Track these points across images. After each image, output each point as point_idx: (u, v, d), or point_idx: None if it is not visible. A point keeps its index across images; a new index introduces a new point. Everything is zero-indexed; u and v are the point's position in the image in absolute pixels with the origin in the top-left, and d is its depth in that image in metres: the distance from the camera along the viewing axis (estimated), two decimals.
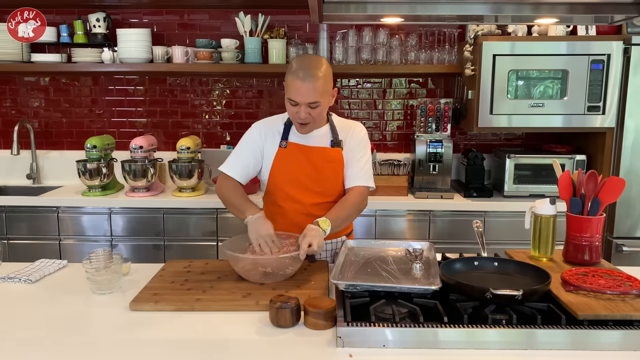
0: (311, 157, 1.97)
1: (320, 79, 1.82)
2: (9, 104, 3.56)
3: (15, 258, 3.02)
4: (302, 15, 3.41)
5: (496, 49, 2.92)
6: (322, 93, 1.84)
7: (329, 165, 1.99)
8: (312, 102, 1.83)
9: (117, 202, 3.03)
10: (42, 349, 1.32)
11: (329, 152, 1.99)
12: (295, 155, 1.97)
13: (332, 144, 2.00)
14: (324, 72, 1.85)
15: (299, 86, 1.81)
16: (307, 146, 1.98)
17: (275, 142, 1.99)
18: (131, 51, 3.18)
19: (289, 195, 1.99)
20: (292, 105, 1.86)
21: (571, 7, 1.67)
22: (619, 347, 1.29)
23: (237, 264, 1.70)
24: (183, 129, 3.57)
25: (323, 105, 1.88)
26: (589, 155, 3.05)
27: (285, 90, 1.89)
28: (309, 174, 1.97)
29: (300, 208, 1.98)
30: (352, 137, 2.02)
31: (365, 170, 2.02)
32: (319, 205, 1.98)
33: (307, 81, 1.80)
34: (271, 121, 2.05)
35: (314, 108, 1.85)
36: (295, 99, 1.83)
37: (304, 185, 1.98)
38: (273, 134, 2.01)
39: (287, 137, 1.99)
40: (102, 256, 1.67)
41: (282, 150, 1.98)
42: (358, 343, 1.30)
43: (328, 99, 1.91)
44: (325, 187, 2.00)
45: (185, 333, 1.39)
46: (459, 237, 2.99)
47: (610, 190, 1.73)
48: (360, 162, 2.01)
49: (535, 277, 1.52)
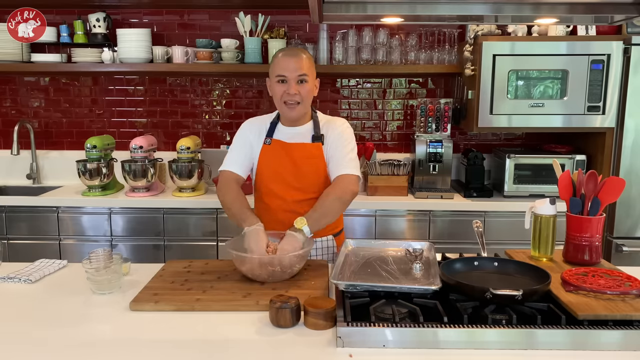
0: (292, 153, 2.01)
1: (306, 58, 1.95)
2: (9, 104, 3.56)
3: (15, 258, 3.02)
4: (302, 15, 3.41)
5: (496, 49, 2.92)
6: (309, 69, 1.94)
7: (309, 161, 2.01)
8: (300, 75, 1.91)
9: (117, 202, 3.03)
10: (42, 349, 1.32)
11: (309, 148, 2.01)
12: (278, 152, 2.02)
13: (313, 138, 2.03)
14: (308, 55, 1.98)
15: (287, 61, 1.92)
16: (288, 143, 2.01)
17: (261, 139, 2.06)
18: (131, 51, 3.18)
19: (272, 192, 2.03)
20: (281, 83, 1.93)
21: (571, 7, 1.67)
22: (619, 347, 1.29)
23: (243, 265, 1.69)
24: (183, 129, 3.57)
25: (310, 84, 1.96)
26: (589, 155, 3.05)
27: (271, 74, 1.97)
28: (290, 170, 2.01)
29: (283, 204, 2.01)
30: (332, 131, 2.04)
31: (348, 159, 1.99)
32: (301, 201, 2.00)
33: (294, 56, 1.93)
34: (260, 119, 2.13)
35: (302, 84, 1.93)
36: (284, 73, 1.91)
37: (286, 182, 2.01)
38: (260, 131, 2.07)
39: (272, 134, 2.05)
40: (102, 256, 1.67)
41: (266, 147, 2.04)
42: (358, 343, 1.30)
43: (313, 82, 1.99)
44: (306, 184, 2.01)
45: (185, 333, 1.39)
46: (459, 237, 2.99)
47: (610, 190, 1.73)
48: (342, 152, 2.00)
49: (535, 277, 1.52)
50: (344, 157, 2.00)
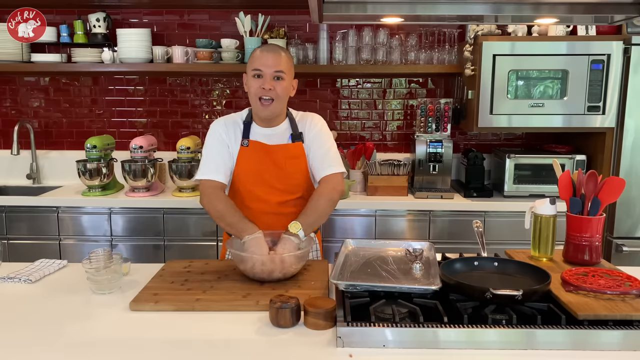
0: (273, 155, 1.97)
1: (285, 56, 1.92)
2: (9, 104, 3.56)
3: (15, 258, 3.02)
4: (302, 15, 3.41)
5: (496, 49, 2.92)
6: (286, 66, 1.91)
7: (291, 162, 1.98)
8: (277, 71, 1.88)
9: (117, 202, 3.03)
10: (42, 349, 1.32)
11: (290, 149, 1.99)
12: (257, 154, 1.96)
13: (292, 137, 2.00)
14: (287, 53, 1.95)
15: (264, 56, 1.89)
16: (268, 145, 1.97)
17: (237, 140, 1.98)
18: (131, 51, 3.18)
19: (254, 195, 1.98)
20: (257, 77, 1.90)
21: (571, 7, 1.67)
22: (619, 347, 1.29)
23: (243, 264, 1.69)
24: (183, 129, 3.57)
25: (287, 82, 1.92)
26: (589, 155, 3.05)
27: (248, 69, 1.93)
28: (272, 172, 1.97)
29: (267, 207, 1.98)
30: (310, 129, 2.02)
31: (331, 157, 1.99)
32: (285, 203, 1.99)
33: (272, 52, 1.90)
34: (230, 119, 2.03)
35: (279, 80, 1.89)
36: (261, 67, 1.88)
37: (268, 184, 1.97)
38: (235, 131, 1.99)
39: (248, 135, 1.98)
40: (102, 256, 1.67)
41: (244, 149, 1.97)
42: (358, 343, 1.30)
43: (290, 81, 1.95)
44: (290, 184, 1.99)
45: (185, 333, 1.39)
46: (459, 237, 2.99)
47: (610, 190, 1.73)
48: (324, 150, 1.99)
49: (535, 277, 1.52)
50: (327, 155, 1.99)
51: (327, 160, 1.98)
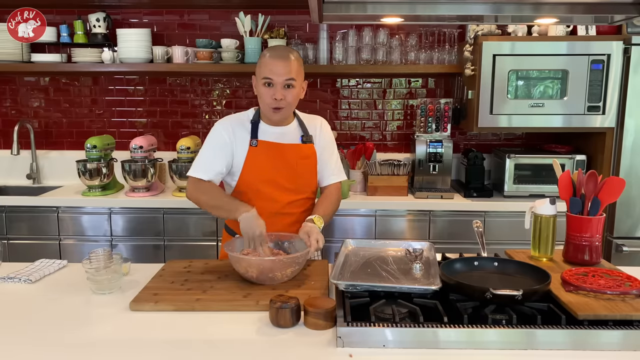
0: (285, 154, 1.97)
1: (295, 60, 1.90)
2: (9, 104, 3.56)
3: (15, 258, 3.01)
4: (302, 15, 3.41)
5: (496, 49, 2.92)
6: (297, 73, 1.89)
7: (303, 162, 2.00)
8: (288, 79, 1.87)
9: (117, 202, 3.03)
10: (42, 349, 1.32)
11: (302, 149, 2.00)
12: (268, 153, 1.96)
13: (303, 139, 2.01)
14: (297, 56, 1.92)
15: (274, 64, 1.86)
16: (280, 144, 1.97)
17: (244, 141, 1.96)
18: (131, 51, 3.18)
19: (263, 194, 1.96)
20: (267, 86, 1.88)
21: (571, 7, 1.67)
22: (619, 347, 1.29)
23: (239, 266, 1.69)
24: (183, 129, 3.57)
25: (297, 89, 1.92)
26: (589, 155, 3.05)
27: (258, 75, 1.91)
28: (283, 172, 1.97)
29: (275, 207, 1.97)
30: (321, 134, 2.07)
31: (338, 166, 2.12)
32: (293, 202, 2.00)
33: (283, 59, 1.87)
34: (237, 119, 2.01)
35: (289, 89, 1.88)
36: (271, 77, 1.86)
37: (278, 184, 1.97)
38: (242, 133, 1.97)
39: (256, 135, 1.97)
40: (102, 256, 1.67)
41: (254, 149, 1.95)
42: (358, 343, 1.30)
43: (300, 86, 1.95)
44: (300, 184, 2.01)
45: (185, 333, 1.39)
46: (459, 237, 2.99)
47: (610, 190, 1.73)
48: (333, 159, 2.10)
49: (535, 277, 1.52)
50: (335, 163, 2.10)
51: (335, 170, 2.10)
